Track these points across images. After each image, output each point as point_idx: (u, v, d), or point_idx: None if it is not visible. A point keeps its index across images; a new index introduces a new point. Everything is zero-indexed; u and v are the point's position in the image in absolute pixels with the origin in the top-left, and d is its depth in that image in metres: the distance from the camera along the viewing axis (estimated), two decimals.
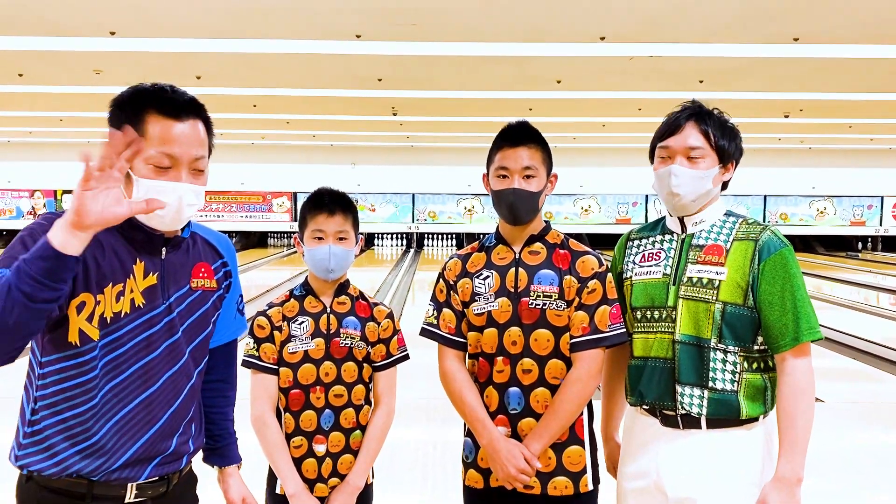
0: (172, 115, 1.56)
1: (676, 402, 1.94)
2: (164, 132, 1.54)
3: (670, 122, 2.01)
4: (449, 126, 15.10)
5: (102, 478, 1.57)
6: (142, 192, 1.52)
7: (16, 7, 6.75)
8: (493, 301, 2.05)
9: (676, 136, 1.98)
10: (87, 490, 1.57)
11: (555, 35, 7.63)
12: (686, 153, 1.96)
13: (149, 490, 1.64)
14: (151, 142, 1.54)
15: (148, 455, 1.62)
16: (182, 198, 1.57)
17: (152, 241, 1.63)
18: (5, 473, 1.73)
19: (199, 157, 1.61)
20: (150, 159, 1.54)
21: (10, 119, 14.53)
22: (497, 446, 2.00)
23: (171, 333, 1.65)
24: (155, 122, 1.55)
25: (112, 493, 1.59)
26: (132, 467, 1.60)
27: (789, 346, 1.88)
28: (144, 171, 1.54)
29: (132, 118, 1.53)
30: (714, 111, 2.01)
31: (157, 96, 1.57)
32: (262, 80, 10.15)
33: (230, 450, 1.93)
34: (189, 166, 1.59)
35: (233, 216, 19.50)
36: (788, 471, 1.85)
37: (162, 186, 1.54)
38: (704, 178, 1.96)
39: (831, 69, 9.14)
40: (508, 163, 2.05)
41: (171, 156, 1.55)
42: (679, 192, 1.96)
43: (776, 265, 1.89)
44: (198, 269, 1.73)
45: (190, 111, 1.59)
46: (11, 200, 19.43)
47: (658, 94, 10.35)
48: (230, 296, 1.85)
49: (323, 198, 2.12)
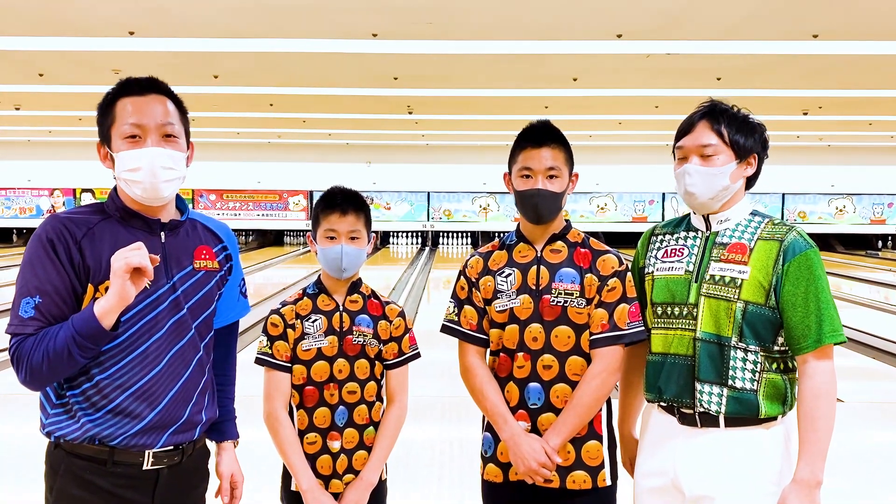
0: (136, 93, 1.73)
1: (695, 400, 1.93)
2: (129, 107, 1.72)
3: (685, 123, 2.02)
4: (464, 124, 15.09)
5: (121, 444, 1.71)
6: (120, 165, 1.71)
7: (36, 7, 6.82)
8: (515, 298, 2.08)
9: (690, 135, 1.99)
10: (108, 456, 1.71)
11: (571, 33, 7.60)
12: (699, 151, 1.97)
13: (164, 458, 1.77)
14: (122, 119, 1.71)
15: (163, 423, 1.74)
16: (154, 160, 1.69)
17: (151, 227, 1.76)
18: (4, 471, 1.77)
19: (167, 122, 1.73)
20: (123, 133, 1.71)
21: (30, 118, 14.68)
22: (518, 440, 2.02)
23: (178, 310, 1.77)
24: (122, 102, 1.73)
25: (130, 459, 1.73)
26: (148, 434, 1.73)
27: (811, 348, 1.86)
28: (121, 146, 1.71)
29: (107, 109, 1.74)
30: (732, 108, 2.01)
31: (122, 85, 1.75)
32: (279, 79, 10.20)
33: (228, 426, 2.03)
34: (158, 132, 1.72)
35: (249, 214, 19.59)
36: (808, 473, 1.84)
37: (133, 154, 1.70)
38: (719, 174, 1.95)
39: (851, 66, 9.04)
40: (532, 163, 2.07)
41: (137, 125, 1.70)
42: (694, 190, 1.96)
43: (801, 266, 1.88)
44: (199, 251, 1.85)
45: (152, 88, 1.75)
46: (32, 199, 19.65)
47: (675, 91, 10.29)
48: (232, 279, 1.97)
49: (335, 197, 2.14)
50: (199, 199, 19.06)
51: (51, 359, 1.60)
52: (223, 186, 19.20)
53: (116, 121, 1.72)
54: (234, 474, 2.02)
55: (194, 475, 1.87)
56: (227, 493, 2.01)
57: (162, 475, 1.76)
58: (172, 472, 1.78)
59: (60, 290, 1.65)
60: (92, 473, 1.70)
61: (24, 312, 1.64)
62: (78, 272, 1.67)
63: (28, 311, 1.64)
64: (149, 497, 1.75)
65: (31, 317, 1.63)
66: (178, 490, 1.81)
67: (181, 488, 1.82)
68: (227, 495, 2.01)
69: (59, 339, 1.60)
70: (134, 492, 1.73)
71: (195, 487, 1.89)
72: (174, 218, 1.82)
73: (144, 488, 1.75)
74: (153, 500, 1.76)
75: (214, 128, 15.30)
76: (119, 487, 1.72)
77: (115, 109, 1.72)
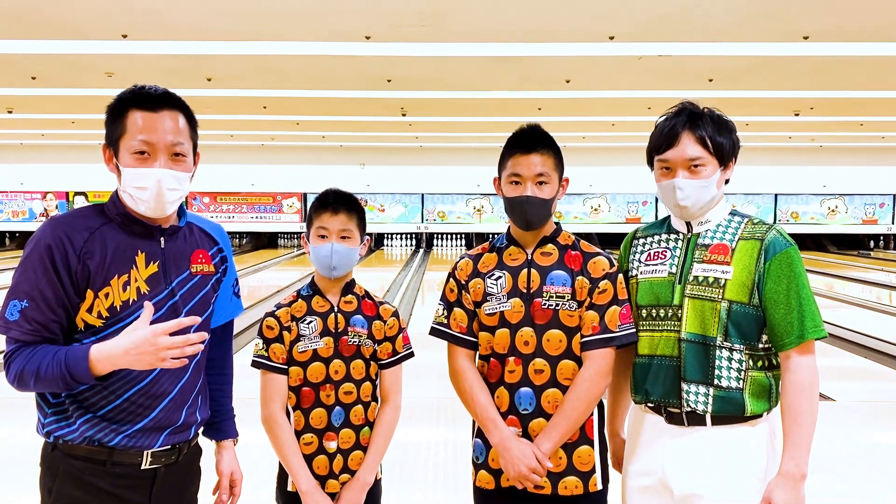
0: (148, 107, 1.71)
1: (682, 400, 1.95)
2: (140, 123, 1.70)
3: (665, 133, 1.99)
4: (458, 126, 15.10)
5: (120, 444, 1.72)
6: (126, 179, 1.71)
7: (29, 10, 6.81)
8: (505, 301, 2.06)
9: (675, 148, 1.97)
10: (107, 457, 1.73)
11: (564, 35, 7.62)
12: (686, 165, 1.97)
13: (162, 458, 1.79)
14: (132, 133, 1.70)
15: (160, 425, 1.77)
16: (160, 181, 1.70)
17: (150, 232, 1.78)
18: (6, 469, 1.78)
19: (177, 142, 1.74)
20: (131, 148, 1.70)
21: (23, 121, 14.64)
22: (508, 445, 2.00)
23: (176, 315, 1.78)
24: (133, 116, 1.71)
25: (129, 459, 1.75)
26: (146, 436, 1.75)
27: (794, 344, 1.89)
28: (128, 160, 1.71)
29: (117, 119, 1.72)
30: (705, 110, 2.00)
31: (135, 94, 1.73)
32: (272, 81, 10.19)
33: (227, 425, 2.06)
34: (167, 152, 1.72)
35: (243, 217, 19.57)
36: (793, 467, 1.86)
37: (141, 173, 1.70)
38: (709, 185, 1.97)
39: (842, 67, 9.09)
40: (521, 170, 2.06)
41: (147, 143, 1.70)
42: (686, 203, 1.97)
43: (782, 264, 1.90)
44: (196, 256, 1.87)
45: (165, 103, 1.73)
46: (24, 202, 19.58)
47: (667, 93, 10.31)
48: (227, 279, 1.99)
49: (328, 197, 2.16)
50: (192, 202, 19.02)
51: (40, 379, 1.62)
52: (217, 189, 19.16)
53: (126, 133, 1.71)
54: (234, 472, 2.04)
55: (188, 473, 1.90)
56: (226, 491, 2.03)
57: (159, 474, 1.79)
58: (169, 470, 1.81)
59: (49, 298, 1.65)
60: (91, 474, 1.72)
61: (10, 315, 1.66)
62: (75, 280, 1.67)
63: (14, 314, 1.65)
64: (146, 496, 1.78)
65: (15, 320, 1.65)
66: (174, 489, 1.84)
67: (177, 487, 1.85)
68: (227, 493, 2.03)
69: (51, 370, 1.61)
70: (132, 491, 1.76)
71: (189, 486, 1.92)
72: (173, 223, 1.84)
73: (142, 488, 1.77)
74: (150, 499, 1.78)
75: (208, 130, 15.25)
76: (118, 487, 1.74)
77: (125, 121, 1.71)
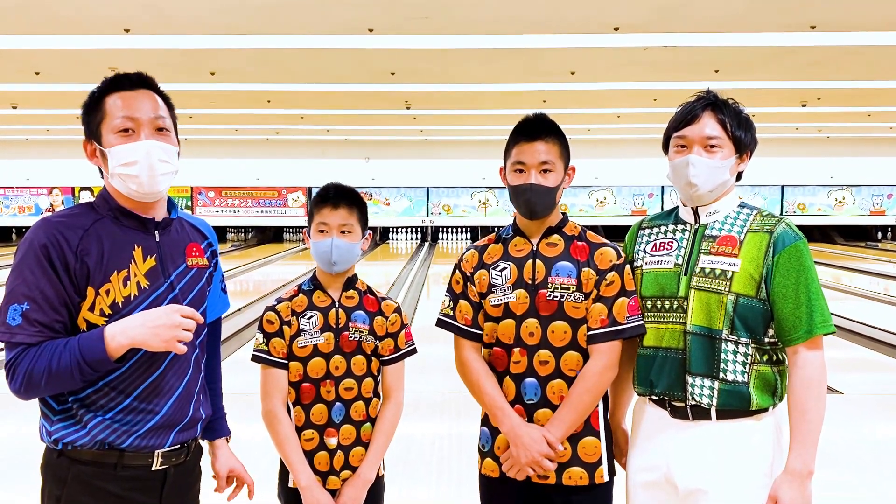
0: (126, 88, 1.72)
1: (687, 393, 1.93)
2: (120, 103, 1.70)
3: (686, 112, 1.99)
4: (462, 119, 15.06)
5: (131, 445, 1.69)
6: (114, 160, 1.68)
7: (31, 5, 6.80)
8: (510, 293, 2.06)
9: (693, 125, 1.96)
10: (117, 460, 1.69)
11: (568, 26, 7.58)
12: (703, 143, 1.95)
13: (172, 457, 1.77)
14: (113, 114, 1.69)
15: (171, 422, 1.75)
16: (150, 152, 1.68)
17: (144, 225, 1.76)
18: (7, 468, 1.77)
19: (159, 116, 1.73)
20: (115, 127, 1.69)
21: (27, 117, 14.64)
22: (519, 431, 2.01)
23: None
24: (112, 98, 1.71)
25: (139, 461, 1.72)
26: (157, 434, 1.73)
27: (802, 339, 1.87)
28: (113, 140, 1.69)
29: (95, 107, 1.72)
30: (729, 101, 1.99)
31: (111, 80, 1.73)
32: (276, 75, 10.17)
33: (220, 423, 2.02)
34: (151, 126, 1.71)
35: (248, 211, 19.57)
36: (800, 464, 1.84)
37: (128, 147, 1.68)
38: (722, 167, 1.95)
39: (849, 57, 9.02)
40: (525, 157, 2.05)
41: (131, 118, 1.69)
42: (697, 181, 1.94)
43: (791, 258, 1.88)
44: (190, 248, 1.86)
45: (140, 84, 1.74)
46: (30, 198, 19.63)
47: (673, 84, 10.26)
48: (216, 274, 1.98)
49: (328, 191, 2.15)
50: (197, 197, 19.06)
51: (52, 375, 1.58)
52: (222, 184, 19.18)
53: (107, 116, 1.69)
54: (234, 468, 2.01)
55: (192, 474, 1.89)
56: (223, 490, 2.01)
57: (169, 475, 1.77)
58: (178, 470, 1.79)
59: (50, 297, 1.61)
60: (101, 479, 1.69)
61: (12, 320, 1.60)
62: (74, 279, 1.63)
63: (15, 318, 1.60)
64: (156, 498, 1.75)
65: (18, 325, 1.60)
66: (182, 489, 1.82)
67: (184, 487, 1.84)
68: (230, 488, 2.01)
69: (64, 360, 1.58)
70: (142, 494, 1.73)
71: (193, 486, 1.90)
72: (165, 216, 1.82)
73: (152, 490, 1.75)
74: (161, 500, 1.76)
75: (212, 125, 15.26)
76: (128, 491, 1.71)
77: (104, 105, 1.70)
